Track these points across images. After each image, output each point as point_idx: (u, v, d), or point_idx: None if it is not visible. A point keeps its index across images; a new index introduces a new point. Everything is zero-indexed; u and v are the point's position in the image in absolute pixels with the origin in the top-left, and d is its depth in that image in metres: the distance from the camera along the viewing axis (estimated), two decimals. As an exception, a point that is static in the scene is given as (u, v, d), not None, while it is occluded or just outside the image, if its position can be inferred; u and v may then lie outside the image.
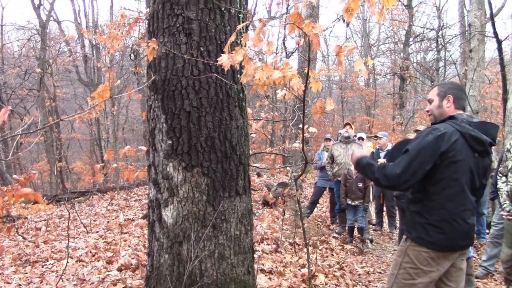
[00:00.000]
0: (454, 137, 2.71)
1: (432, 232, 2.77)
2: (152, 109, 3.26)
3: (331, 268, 5.76)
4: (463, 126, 2.77)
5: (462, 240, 2.83)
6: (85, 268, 5.40)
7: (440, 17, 20.71)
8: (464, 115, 2.90)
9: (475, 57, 11.37)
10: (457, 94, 2.96)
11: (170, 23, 3.12)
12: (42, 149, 25.67)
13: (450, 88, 2.99)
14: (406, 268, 2.87)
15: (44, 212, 11.44)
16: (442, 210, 2.76)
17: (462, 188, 2.76)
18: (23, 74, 20.10)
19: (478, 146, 2.78)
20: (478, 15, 11.40)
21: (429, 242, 2.79)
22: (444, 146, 2.68)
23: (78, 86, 27.51)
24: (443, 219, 2.76)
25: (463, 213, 2.78)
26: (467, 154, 2.74)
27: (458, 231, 2.77)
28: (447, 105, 2.94)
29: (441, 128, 2.74)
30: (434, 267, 2.81)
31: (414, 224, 2.87)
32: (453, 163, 2.71)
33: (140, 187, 14.84)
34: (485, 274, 5.86)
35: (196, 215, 3.10)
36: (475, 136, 2.75)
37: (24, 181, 3.57)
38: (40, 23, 21.73)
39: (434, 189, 2.77)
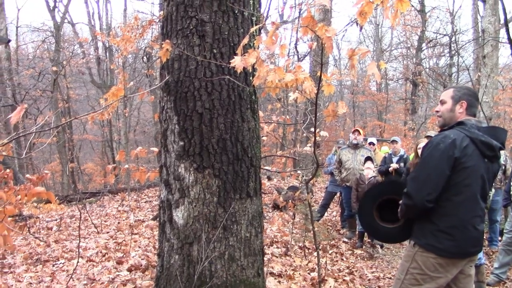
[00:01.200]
0: (465, 143, 2.69)
1: (442, 239, 2.74)
2: (165, 110, 3.27)
3: (340, 273, 5.74)
4: (473, 132, 2.74)
5: (471, 247, 2.80)
6: (95, 268, 5.43)
7: (454, 22, 20.62)
8: (473, 120, 2.86)
9: (488, 63, 11.30)
10: (471, 102, 2.91)
11: (183, 25, 3.14)
12: (54, 149, 25.90)
13: (465, 94, 2.93)
14: (413, 274, 2.84)
15: (55, 212, 11.53)
16: (454, 217, 2.73)
17: (473, 194, 2.74)
18: (37, 75, 20.30)
19: (489, 151, 2.76)
20: (492, 21, 11.34)
21: (438, 249, 2.75)
22: (457, 152, 2.66)
23: (91, 88, 27.74)
24: (454, 225, 2.73)
25: (474, 220, 2.76)
26: (477, 160, 2.72)
27: (468, 237, 2.75)
28: (460, 110, 2.90)
29: (451, 135, 2.72)
30: (442, 273, 2.78)
31: (424, 230, 2.84)
32: (465, 169, 2.69)
33: (151, 188, 14.91)
34: (497, 281, 5.80)
35: (207, 216, 3.11)
36: (485, 142, 2.73)
37: (37, 180, 3.61)
38: (55, 25, 21.98)
39: (446, 195, 2.73)
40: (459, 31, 20.25)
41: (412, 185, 2.76)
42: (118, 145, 24.01)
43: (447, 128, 2.90)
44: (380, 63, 2.67)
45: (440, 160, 2.68)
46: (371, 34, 30.99)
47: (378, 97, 26.37)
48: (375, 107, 28.49)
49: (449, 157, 2.66)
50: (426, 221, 2.82)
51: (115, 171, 5.50)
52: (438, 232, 2.75)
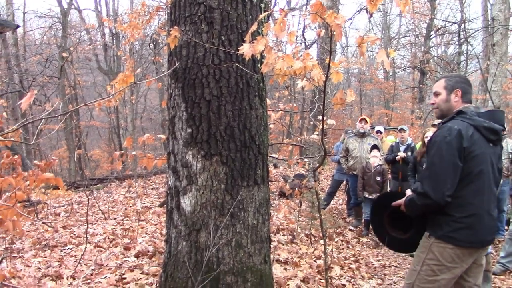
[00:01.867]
0: (470, 132, 2.70)
1: (459, 229, 2.73)
2: (173, 97, 3.27)
3: (346, 261, 5.76)
4: (475, 119, 2.75)
5: (488, 235, 2.81)
6: (103, 254, 5.47)
7: (463, 10, 20.39)
8: (471, 107, 2.86)
9: (498, 52, 11.20)
10: (465, 88, 2.92)
11: (192, 11, 3.13)
12: (62, 136, 26.03)
13: (458, 82, 2.94)
14: (430, 265, 2.82)
15: (63, 198, 11.62)
16: (469, 206, 2.72)
17: (486, 181, 2.74)
18: (44, 61, 20.33)
19: (492, 135, 2.77)
20: (502, 8, 11.21)
21: (456, 239, 2.74)
22: (465, 143, 2.66)
23: (98, 75, 27.77)
24: (470, 214, 2.72)
25: (489, 207, 2.77)
26: (484, 146, 2.74)
27: (485, 225, 2.75)
28: (455, 99, 2.91)
29: (455, 126, 2.72)
30: (458, 263, 2.77)
31: (440, 222, 2.81)
32: (474, 157, 2.69)
33: (158, 175, 14.98)
34: (503, 270, 5.80)
35: (214, 203, 3.12)
36: (488, 127, 2.74)
37: (45, 166, 3.63)
38: (62, 11, 21.99)
39: (459, 186, 2.71)
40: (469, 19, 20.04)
41: (429, 183, 2.73)
42: (125, 132, 24.09)
43: (447, 119, 2.89)
44: (389, 51, 2.63)
45: (450, 154, 2.67)
46: (379, 21, 30.70)
47: (386, 85, 26.21)
48: (383, 95, 28.34)
49: (458, 149, 2.66)
50: (440, 213, 2.80)
51: (122, 158, 5.52)
52: (455, 222, 2.74)
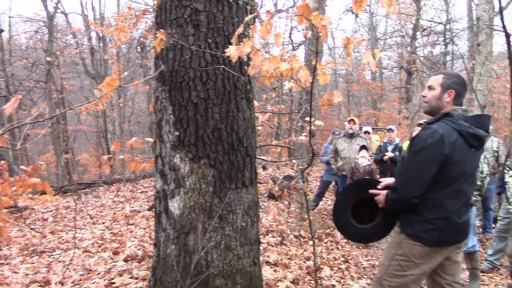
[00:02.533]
0: (453, 137, 2.67)
1: (429, 230, 2.76)
2: (160, 100, 3.26)
3: (336, 261, 5.78)
4: (460, 123, 2.72)
5: (456, 235, 2.86)
6: (91, 259, 5.44)
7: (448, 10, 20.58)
8: (459, 110, 2.81)
9: (483, 51, 11.31)
10: (460, 91, 2.87)
11: (178, 14, 3.12)
12: (49, 140, 25.80)
13: (455, 83, 2.88)
14: (399, 260, 2.86)
15: (50, 203, 11.51)
16: (441, 209, 2.75)
17: (460, 186, 2.76)
18: (31, 66, 20.17)
19: (476, 142, 2.75)
20: (487, 8, 11.33)
21: (425, 239, 2.78)
22: (446, 149, 2.65)
23: (85, 79, 27.54)
24: (441, 217, 2.75)
25: (460, 210, 2.79)
26: (465, 152, 2.72)
27: (454, 227, 2.78)
28: (447, 99, 2.86)
29: (439, 130, 2.68)
30: (426, 260, 2.81)
31: (412, 221, 2.84)
32: (453, 163, 2.69)
33: (146, 179, 14.90)
34: (491, 268, 5.86)
35: (203, 206, 3.11)
36: (473, 133, 2.71)
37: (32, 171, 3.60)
38: (48, 15, 21.79)
39: (434, 189, 2.73)
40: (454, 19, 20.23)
41: (400, 180, 2.80)
42: (112, 136, 23.91)
43: (433, 120, 2.87)
44: (375, 51, 2.65)
45: (429, 156, 2.67)
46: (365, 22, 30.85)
47: (373, 86, 26.35)
48: (370, 96, 28.49)
49: (439, 154, 2.65)
50: (413, 212, 2.83)
51: (110, 162, 5.49)
52: (426, 223, 2.77)
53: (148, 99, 23.15)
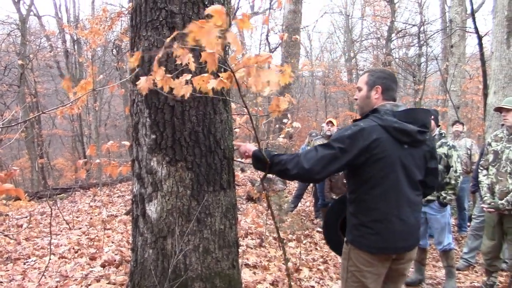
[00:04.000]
0: (375, 134, 2.50)
1: (366, 234, 2.60)
2: (136, 103, 3.23)
3: (315, 262, 5.81)
4: (385, 119, 2.56)
5: (400, 241, 2.63)
6: (68, 265, 5.35)
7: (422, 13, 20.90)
8: (388, 105, 2.68)
9: (456, 53, 11.53)
10: (387, 85, 2.73)
11: (153, 17, 3.10)
12: (23, 145, 25.38)
13: (380, 78, 2.74)
14: (352, 272, 2.69)
15: (25, 209, 11.31)
16: (374, 211, 2.58)
17: (393, 185, 2.56)
18: (3, 69, 19.82)
19: (405, 137, 2.57)
20: (459, 11, 11.57)
21: (364, 245, 2.63)
22: (362, 142, 2.48)
23: (59, 82, 27.12)
24: (375, 219, 2.58)
25: (398, 212, 2.58)
26: (393, 149, 2.53)
27: (393, 231, 2.58)
28: (375, 96, 2.73)
29: (361, 124, 2.55)
30: (376, 266, 2.64)
31: (350, 226, 2.72)
32: (378, 160, 2.51)
33: (123, 183, 14.76)
34: (466, 266, 5.97)
35: (181, 209, 3.09)
36: (399, 128, 2.54)
37: (5, 177, 3.52)
38: (20, 17, 21.45)
39: (363, 189, 2.60)
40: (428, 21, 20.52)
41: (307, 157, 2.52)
42: (88, 140, 23.68)
43: (361, 117, 2.76)
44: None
45: (342, 144, 2.48)
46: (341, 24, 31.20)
47: (350, 88, 26.57)
48: (347, 97, 28.72)
49: (352, 145, 2.48)
50: (351, 216, 2.71)
51: (86, 166, 5.41)
52: (362, 227, 2.63)
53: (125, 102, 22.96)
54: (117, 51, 17.39)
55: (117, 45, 16.49)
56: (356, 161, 2.51)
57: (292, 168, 2.55)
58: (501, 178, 4.56)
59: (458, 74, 11.33)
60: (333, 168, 2.51)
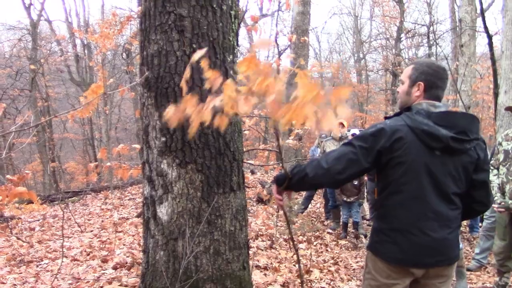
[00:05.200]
0: (399, 134, 2.26)
1: (384, 242, 2.39)
2: (146, 106, 3.26)
3: (326, 263, 5.80)
4: (415, 119, 2.29)
5: (422, 256, 2.33)
6: (80, 267, 5.39)
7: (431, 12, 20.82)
8: (424, 104, 2.37)
9: (466, 52, 11.47)
10: (431, 82, 2.41)
11: (162, 20, 3.12)
12: (35, 149, 25.60)
13: (424, 73, 2.42)
14: (368, 280, 2.50)
15: (37, 212, 11.41)
16: (393, 218, 2.36)
17: (416, 194, 2.29)
18: (14, 74, 20.01)
19: (434, 142, 2.26)
20: (469, 10, 11.50)
21: (381, 252, 2.42)
22: (383, 143, 2.25)
23: (70, 86, 27.40)
24: (394, 228, 2.35)
25: (421, 224, 2.30)
26: (419, 154, 2.26)
27: (416, 244, 2.31)
28: (416, 93, 2.43)
29: (387, 121, 2.33)
30: (394, 279, 2.40)
31: (372, 230, 2.54)
32: (400, 164, 2.27)
33: (134, 186, 14.83)
34: (478, 266, 5.92)
35: (191, 211, 3.11)
36: (428, 131, 2.24)
37: (18, 180, 3.57)
38: (31, 23, 21.67)
39: (386, 193, 2.38)
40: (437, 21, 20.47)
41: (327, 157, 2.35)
42: (99, 143, 23.81)
43: (392, 114, 2.48)
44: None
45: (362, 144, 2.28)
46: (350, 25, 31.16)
47: (359, 88, 26.53)
48: (356, 98, 28.67)
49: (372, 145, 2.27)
50: (375, 220, 2.52)
51: (97, 169, 5.46)
52: (381, 233, 2.42)
53: (135, 106, 23.09)
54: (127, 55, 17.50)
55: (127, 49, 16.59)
56: (379, 162, 2.31)
57: (310, 171, 2.35)
58: (511, 177, 4.53)
59: (468, 74, 11.27)
60: (355, 167, 2.29)
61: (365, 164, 2.29)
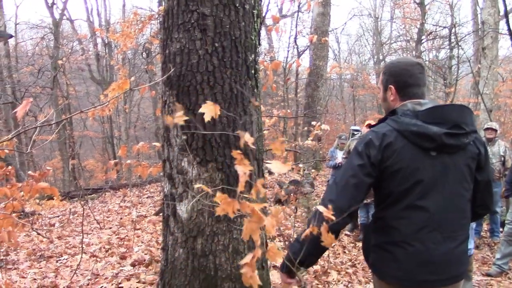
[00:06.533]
0: (387, 140, 2.07)
1: (383, 258, 2.16)
2: (167, 104, 3.27)
3: (343, 265, 5.77)
4: (401, 121, 2.09)
5: (426, 273, 2.08)
6: (99, 264, 5.45)
7: (453, 14, 20.59)
8: (409, 104, 2.18)
9: (489, 55, 11.30)
10: (401, 81, 2.24)
11: (185, 19, 3.14)
12: (55, 146, 25.99)
13: (392, 75, 2.28)
14: None
15: (57, 208, 11.56)
16: (393, 230, 2.12)
17: (416, 203, 2.07)
18: (37, 72, 20.31)
19: (427, 143, 2.05)
20: (492, 12, 11.34)
21: (381, 272, 2.19)
22: (374, 155, 2.07)
23: (91, 84, 27.76)
24: (393, 241, 2.12)
25: (422, 235, 2.08)
26: (414, 158, 2.06)
27: (415, 259, 2.08)
28: (391, 98, 2.28)
29: (373, 132, 2.16)
30: None
31: (368, 248, 2.28)
32: (394, 173, 2.07)
33: (152, 184, 14.93)
34: (499, 272, 5.84)
35: (210, 210, 3.12)
36: (417, 132, 2.04)
37: (39, 177, 3.62)
38: (53, 22, 22.01)
39: (383, 205, 2.17)
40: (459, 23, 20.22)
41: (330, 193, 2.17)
42: (118, 141, 24.05)
43: (378, 121, 2.31)
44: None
45: (358, 165, 2.10)
46: (370, 27, 30.97)
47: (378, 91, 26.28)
48: (375, 100, 28.48)
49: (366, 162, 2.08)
50: (372, 234, 2.27)
51: (117, 167, 5.50)
52: (380, 249, 2.18)
53: (154, 105, 23.28)
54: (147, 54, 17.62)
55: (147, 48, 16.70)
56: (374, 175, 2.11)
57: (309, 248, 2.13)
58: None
59: (490, 77, 11.11)
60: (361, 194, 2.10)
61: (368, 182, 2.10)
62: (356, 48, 34.63)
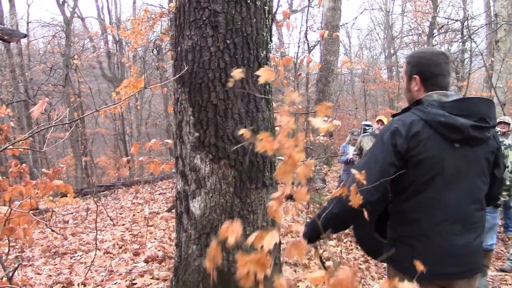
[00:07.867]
0: (415, 129, 2.05)
1: (403, 252, 2.13)
2: (179, 101, 3.28)
3: (356, 261, 5.75)
4: (429, 111, 2.07)
5: (448, 266, 2.07)
6: (112, 260, 5.49)
7: (465, 7, 20.36)
8: (435, 95, 2.16)
9: (502, 48, 11.18)
10: (427, 72, 2.21)
11: (196, 16, 3.13)
12: (67, 144, 26.17)
13: (417, 65, 2.25)
14: None
15: (71, 205, 11.66)
16: (413, 223, 2.11)
17: (438, 194, 2.07)
18: (49, 70, 20.47)
19: (454, 134, 2.04)
20: (505, 4, 11.20)
21: (401, 266, 2.14)
22: (401, 144, 2.04)
23: (102, 82, 27.94)
24: (413, 234, 2.11)
25: (444, 227, 2.07)
26: (439, 149, 2.05)
27: (436, 251, 2.06)
28: (415, 88, 2.25)
29: (398, 119, 2.15)
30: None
31: (387, 241, 2.28)
32: (419, 162, 2.05)
33: (164, 180, 15.01)
34: (514, 267, 5.79)
35: (224, 206, 3.12)
36: (445, 122, 2.02)
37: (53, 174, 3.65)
38: (65, 20, 22.14)
39: (404, 196, 2.14)
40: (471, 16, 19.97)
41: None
42: (130, 138, 24.18)
43: (401, 110, 2.26)
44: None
45: (382, 153, 2.07)
46: (381, 21, 30.77)
47: (390, 85, 26.16)
48: (387, 95, 28.31)
49: (391, 152, 2.05)
50: (389, 228, 2.27)
51: (129, 164, 5.53)
52: (397, 242, 2.18)
53: (165, 102, 23.33)
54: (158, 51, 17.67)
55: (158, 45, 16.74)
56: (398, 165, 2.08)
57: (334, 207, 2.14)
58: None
59: (504, 70, 10.99)
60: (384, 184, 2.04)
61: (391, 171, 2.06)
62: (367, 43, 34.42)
